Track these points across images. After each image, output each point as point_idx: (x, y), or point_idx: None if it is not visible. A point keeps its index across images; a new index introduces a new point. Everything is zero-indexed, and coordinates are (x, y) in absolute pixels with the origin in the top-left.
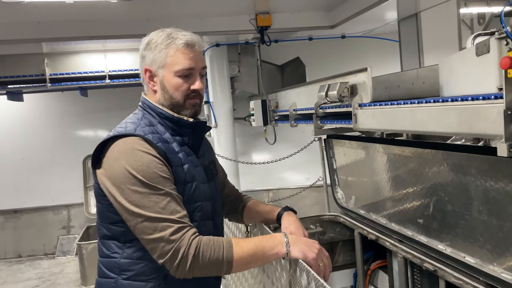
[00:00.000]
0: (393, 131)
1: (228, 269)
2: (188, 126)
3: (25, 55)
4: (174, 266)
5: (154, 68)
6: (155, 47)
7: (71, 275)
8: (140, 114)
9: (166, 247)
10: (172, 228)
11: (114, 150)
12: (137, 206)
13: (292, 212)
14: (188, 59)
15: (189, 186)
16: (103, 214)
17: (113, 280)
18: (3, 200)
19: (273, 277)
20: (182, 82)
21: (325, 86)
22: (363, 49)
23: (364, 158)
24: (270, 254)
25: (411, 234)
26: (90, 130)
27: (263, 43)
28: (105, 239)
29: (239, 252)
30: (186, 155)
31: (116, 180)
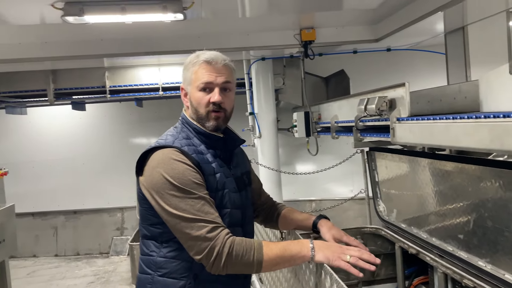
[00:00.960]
0: (430, 145)
1: (258, 268)
2: (218, 140)
3: (88, 69)
4: (210, 263)
5: (185, 86)
6: (186, 67)
7: (123, 273)
8: (179, 127)
9: (202, 245)
10: (207, 228)
11: (154, 159)
12: (175, 209)
13: (328, 220)
14: (207, 74)
15: (220, 194)
16: (144, 216)
17: (150, 276)
18: (65, 201)
19: (303, 280)
20: (202, 95)
21: (365, 100)
22: (409, 62)
23: (405, 171)
24: (297, 257)
25: (451, 249)
26: (143, 137)
27: (307, 57)
28: (145, 238)
29: (269, 254)
30: (219, 165)
31: (155, 186)
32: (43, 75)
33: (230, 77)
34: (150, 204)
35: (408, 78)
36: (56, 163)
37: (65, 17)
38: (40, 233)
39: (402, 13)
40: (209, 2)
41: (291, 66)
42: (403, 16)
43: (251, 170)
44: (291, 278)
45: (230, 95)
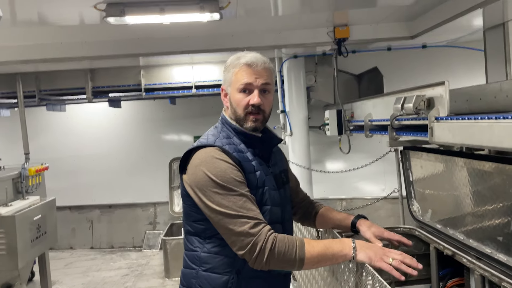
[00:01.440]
0: (469, 145)
1: (300, 265)
2: (257, 140)
3: (124, 67)
4: (253, 258)
5: (225, 87)
6: (226, 68)
7: (156, 267)
8: (220, 127)
9: (245, 240)
10: (250, 223)
11: (196, 158)
12: (218, 206)
13: (366, 219)
14: (247, 76)
15: (260, 191)
16: (187, 213)
17: (195, 271)
18: (100, 196)
19: (342, 279)
20: (242, 97)
21: (401, 99)
22: (446, 59)
23: (442, 171)
24: (338, 255)
25: (489, 251)
26: (176, 135)
27: (340, 55)
28: (189, 234)
29: (311, 251)
30: (258, 164)
31: (199, 183)
32: (82, 74)
33: (270, 79)
34: (193, 201)
35: (444, 76)
36: (92, 158)
37: (106, 18)
38: (76, 226)
39: (439, 10)
40: (243, 1)
41: (323, 64)
42: (440, 12)
43: (288, 168)
44: (328, 277)
45: (269, 96)
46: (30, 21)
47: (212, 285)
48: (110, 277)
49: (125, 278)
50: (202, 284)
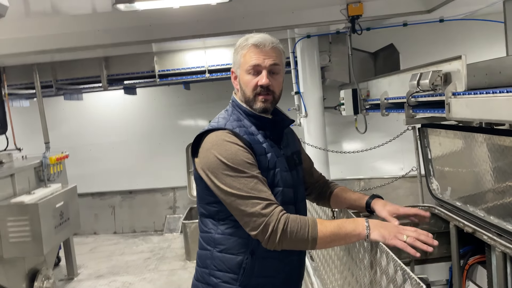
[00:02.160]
0: (488, 120)
1: (312, 245)
2: (267, 122)
3: (137, 54)
4: (266, 239)
5: (235, 69)
6: (235, 50)
7: (177, 250)
8: (230, 110)
9: (257, 221)
10: (262, 204)
11: (207, 142)
12: (230, 187)
13: (381, 199)
14: (255, 58)
15: (272, 173)
16: (200, 196)
17: (209, 252)
18: (121, 182)
19: (357, 258)
20: (251, 78)
21: (417, 75)
22: (465, 33)
23: (461, 148)
24: (351, 235)
25: (511, 228)
26: (191, 119)
27: (354, 32)
28: (203, 217)
29: (323, 230)
30: (269, 146)
31: (210, 166)
32: (97, 62)
33: (279, 59)
34: (206, 184)
35: (463, 50)
36: (111, 145)
37: (116, 5)
38: (99, 212)
39: None
40: None
41: (337, 43)
42: None
43: (301, 149)
44: (343, 256)
45: (278, 77)
46: (43, 11)
47: (227, 266)
48: (133, 260)
49: (147, 261)
50: (217, 264)
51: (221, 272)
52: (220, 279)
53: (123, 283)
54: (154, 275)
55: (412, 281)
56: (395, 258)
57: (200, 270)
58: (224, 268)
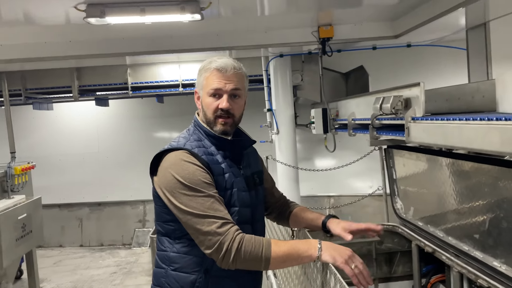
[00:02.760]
0: (442, 146)
1: (266, 265)
2: (226, 143)
3: (111, 66)
4: (220, 258)
5: (198, 90)
6: (199, 72)
7: (145, 265)
8: (191, 130)
9: (212, 239)
10: (217, 223)
11: (166, 161)
12: (186, 206)
13: (337, 219)
14: (217, 81)
15: (229, 193)
16: (158, 213)
17: (164, 271)
18: (89, 194)
19: (311, 278)
20: (212, 101)
21: (380, 99)
22: (431, 58)
23: (423, 169)
24: (303, 256)
25: (467, 249)
26: (165, 132)
27: (325, 54)
28: (160, 235)
29: (277, 251)
30: (228, 166)
31: (168, 185)
32: (68, 73)
33: (240, 84)
34: (163, 203)
35: (430, 75)
36: (81, 157)
37: (87, 18)
38: (66, 224)
39: (422, 9)
40: (227, 2)
41: (309, 62)
42: (423, 12)
43: (263, 169)
44: (301, 275)
45: (239, 101)
46: (15, 20)
47: (180, 284)
48: (98, 275)
49: (113, 276)
50: (171, 283)
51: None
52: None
53: None
54: None
55: None
56: (341, 280)
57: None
58: (177, 286)
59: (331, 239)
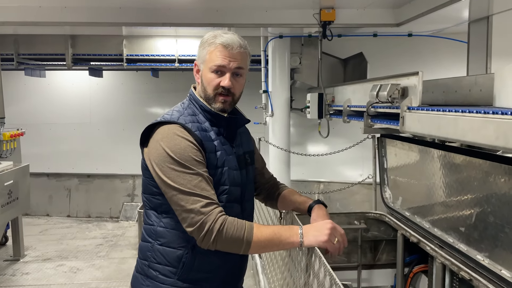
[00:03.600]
0: (436, 137)
1: (246, 248)
2: (222, 120)
3: (106, 36)
4: (200, 237)
5: (198, 63)
6: (202, 45)
7: (131, 238)
8: (186, 103)
9: (195, 218)
10: (202, 203)
11: (158, 133)
12: (173, 181)
13: (323, 205)
14: (221, 58)
15: (219, 171)
16: (145, 186)
17: (150, 245)
18: (79, 165)
19: (296, 260)
20: (214, 77)
21: (377, 86)
22: (431, 49)
23: (414, 160)
24: (285, 242)
25: (451, 241)
26: (159, 108)
27: (325, 38)
28: (147, 208)
29: (258, 235)
30: (221, 143)
31: (157, 158)
32: (62, 40)
33: (244, 63)
34: (151, 175)
35: (429, 66)
36: (73, 127)
37: None
38: (54, 193)
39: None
40: None
41: (309, 46)
42: (427, 1)
43: (255, 149)
44: (285, 257)
45: (241, 80)
46: None
47: (166, 259)
48: (84, 246)
49: (99, 248)
50: (157, 257)
51: (160, 265)
52: (158, 272)
53: (70, 268)
54: (103, 262)
55: (337, 286)
56: (326, 263)
57: (140, 261)
58: (163, 261)
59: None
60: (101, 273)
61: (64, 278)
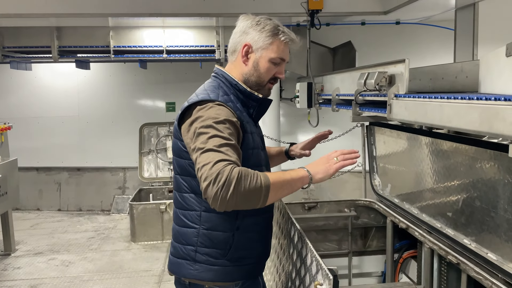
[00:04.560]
0: (422, 123)
1: (266, 193)
2: (256, 100)
3: (93, 27)
4: (217, 189)
5: (254, 46)
6: (263, 30)
7: (123, 231)
8: (216, 83)
9: (212, 169)
10: (226, 162)
11: (199, 110)
12: (202, 143)
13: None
14: (286, 53)
15: (255, 152)
16: (183, 168)
17: (196, 230)
18: (69, 158)
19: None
20: (272, 67)
21: (365, 74)
22: (419, 36)
23: (402, 147)
24: (296, 179)
25: (439, 226)
26: (148, 100)
27: (313, 26)
28: (184, 192)
29: (273, 177)
30: (253, 125)
31: (203, 120)
32: (48, 32)
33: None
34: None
35: (417, 53)
36: (61, 120)
37: None
38: (44, 187)
39: None
40: None
41: (297, 35)
42: None
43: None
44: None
45: None
46: None
47: (214, 242)
48: (76, 239)
49: (91, 241)
50: (205, 242)
51: (208, 248)
52: (208, 255)
53: (62, 262)
54: (96, 255)
55: (323, 272)
56: (312, 249)
57: (183, 247)
58: (211, 244)
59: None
60: (94, 265)
61: (56, 271)
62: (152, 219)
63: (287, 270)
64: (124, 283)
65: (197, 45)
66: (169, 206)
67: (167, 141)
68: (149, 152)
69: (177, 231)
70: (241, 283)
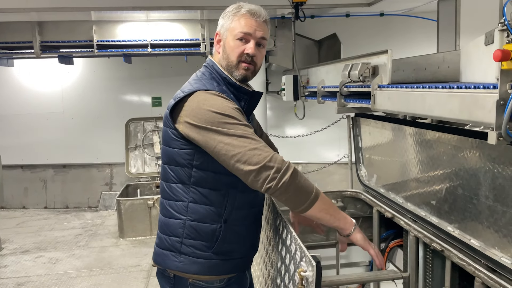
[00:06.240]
0: (405, 113)
1: (313, 201)
2: (246, 94)
3: (75, 22)
4: (273, 173)
5: (221, 32)
6: (225, 15)
7: (110, 227)
8: (208, 75)
9: (262, 154)
10: (263, 144)
11: (193, 100)
12: (231, 130)
13: None
14: (247, 25)
15: None
16: (171, 158)
17: (182, 221)
18: (54, 155)
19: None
20: (238, 44)
21: (349, 66)
22: (404, 28)
23: (387, 138)
24: (340, 218)
25: (424, 214)
26: (134, 95)
27: (298, 19)
28: (172, 182)
29: (324, 196)
30: (246, 118)
31: (205, 120)
32: (29, 27)
33: (266, 34)
34: (187, 145)
35: (402, 45)
36: (45, 116)
37: None
38: (29, 185)
39: None
40: None
41: (283, 28)
42: None
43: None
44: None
45: (263, 51)
46: None
47: (200, 234)
48: (63, 236)
49: (78, 238)
50: (191, 233)
51: (194, 240)
52: (193, 247)
53: (49, 259)
54: (83, 251)
55: (306, 259)
56: (297, 237)
57: (168, 239)
58: (198, 236)
59: None
60: (81, 262)
61: (43, 269)
62: (140, 214)
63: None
64: (112, 279)
65: (182, 39)
66: (156, 201)
67: (154, 136)
68: (136, 148)
69: (163, 222)
70: (226, 278)
